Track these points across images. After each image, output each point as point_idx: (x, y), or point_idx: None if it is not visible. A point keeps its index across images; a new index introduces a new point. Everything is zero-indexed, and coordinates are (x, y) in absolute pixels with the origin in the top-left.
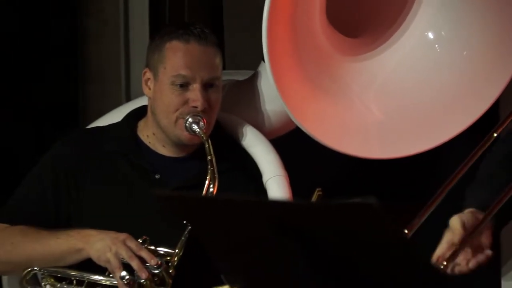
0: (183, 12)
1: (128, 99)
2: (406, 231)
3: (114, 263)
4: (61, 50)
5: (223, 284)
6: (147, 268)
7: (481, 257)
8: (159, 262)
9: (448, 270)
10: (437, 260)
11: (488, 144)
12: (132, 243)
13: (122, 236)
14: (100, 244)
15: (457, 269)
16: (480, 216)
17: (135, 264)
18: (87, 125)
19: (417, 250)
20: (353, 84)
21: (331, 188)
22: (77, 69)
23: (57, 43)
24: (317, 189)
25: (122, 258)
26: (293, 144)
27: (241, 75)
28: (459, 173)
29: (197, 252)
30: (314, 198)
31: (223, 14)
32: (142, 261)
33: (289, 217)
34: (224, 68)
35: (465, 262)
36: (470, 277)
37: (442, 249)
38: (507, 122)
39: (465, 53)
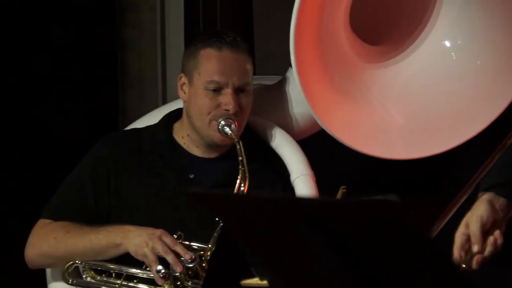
0: (216, 20)
1: (165, 102)
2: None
3: (151, 257)
4: (102, 57)
5: (253, 276)
6: (181, 262)
7: (494, 245)
8: (193, 257)
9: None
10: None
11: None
12: (167, 239)
13: (158, 232)
14: (138, 240)
15: (474, 261)
16: (496, 202)
17: (170, 258)
18: (126, 127)
19: (439, 248)
20: (375, 90)
21: (354, 186)
22: (117, 74)
23: (98, 51)
24: (342, 187)
25: (158, 253)
26: (318, 145)
27: (270, 80)
28: (478, 177)
29: (229, 246)
30: (339, 195)
31: (253, 22)
32: (177, 255)
33: (316, 213)
34: (254, 73)
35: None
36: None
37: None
38: None
39: (478, 62)
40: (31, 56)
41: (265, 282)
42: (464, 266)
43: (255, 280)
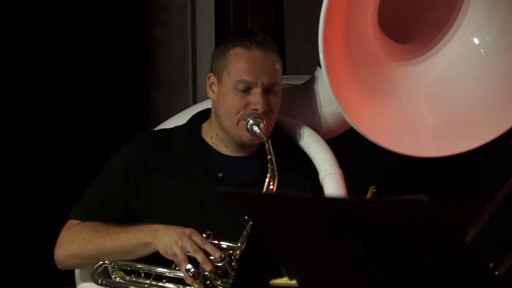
0: (247, 20)
1: (195, 102)
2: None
3: (180, 256)
4: (133, 57)
5: (282, 276)
6: (211, 261)
7: None
8: (222, 256)
9: None
10: None
11: None
12: (197, 238)
13: (188, 231)
14: (167, 239)
15: None
16: None
17: (200, 257)
18: (156, 127)
19: (473, 251)
20: (403, 88)
21: (383, 185)
22: (147, 74)
23: (129, 51)
24: (372, 187)
25: (188, 252)
26: (347, 144)
27: (299, 80)
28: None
29: (258, 245)
30: (369, 195)
31: (284, 22)
32: (207, 254)
33: (347, 214)
34: (284, 74)
35: None
36: None
37: None
38: None
39: (507, 58)
40: (63, 56)
41: (294, 282)
42: None
43: (284, 280)
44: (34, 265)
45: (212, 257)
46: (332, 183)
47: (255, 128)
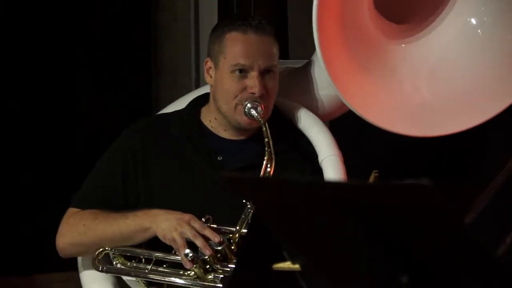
0: (250, 6)
1: (198, 88)
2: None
3: (179, 242)
4: (136, 44)
5: (285, 260)
6: (210, 245)
7: None
8: (222, 240)
9: None
10: None
11: None
12: (196, 223)
13: (187, 216)
14: (166, 224)
15: None
16: None
17: (199, 242)
18: (158, 112)
19: (473, 233)
20: (402, 67)
21: (382, 168)
22: (151, 61)
23: (133, 38)
24: (374, 171)
25: (187, 237)
26: (346, 127)
27: (297, 64)
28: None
29: (260, 229)
30: (371, 179)
31: (287, 8)
32: (206, 239)
33: (348, 197)
34: (287, 58)
35: None
36: None
37: None
38: None
39: (509, 37)
40: (70, 42)
41: (297, 266)
42: None
43: (287, 264)
44: (39, 251)
45: (211, 242)
46: (331, 165)
47: (253, 112)
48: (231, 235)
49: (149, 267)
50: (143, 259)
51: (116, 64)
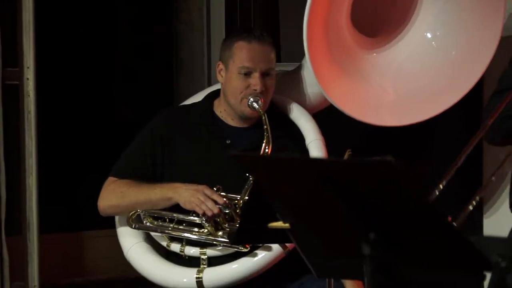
0: (250, 20)
1: (210, 84)
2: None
3: (199, 206)
4: (160, 49)
5: (278, 220)
6: (219, 208)
7: None
8: (226, 202)
9: None
10: None
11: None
12: (208, 191)
13: (201, 187)
14: (186, 193)
15: None
16: None
17: (209, 204)
18: (179, 103)
19: (430, 202)
20: (372, 71)
21: (358, 150)
22: (172, 62)
23: (157, 44)
24: (348, 150)
25: (202, 201)
26: (327, 117)
27: (292, 67)
28: (465, 151)
29: (258, 196)
30: (346, 157)
31: (279, 20)
32: (216, 203)
33: (328, 171)
34: (279, 61)
35: None
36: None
37: None
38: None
39: (453, 52)
40: (103, 48)
41: (287, 225)
42: None
43: (280, 223)
44: (84, 211)
45: (219, 205)
46: (315, 147)
47: (255, 104)
48: (236, 201)
49: (171, 225)
50: (167, 219)
51: (145, 65)
